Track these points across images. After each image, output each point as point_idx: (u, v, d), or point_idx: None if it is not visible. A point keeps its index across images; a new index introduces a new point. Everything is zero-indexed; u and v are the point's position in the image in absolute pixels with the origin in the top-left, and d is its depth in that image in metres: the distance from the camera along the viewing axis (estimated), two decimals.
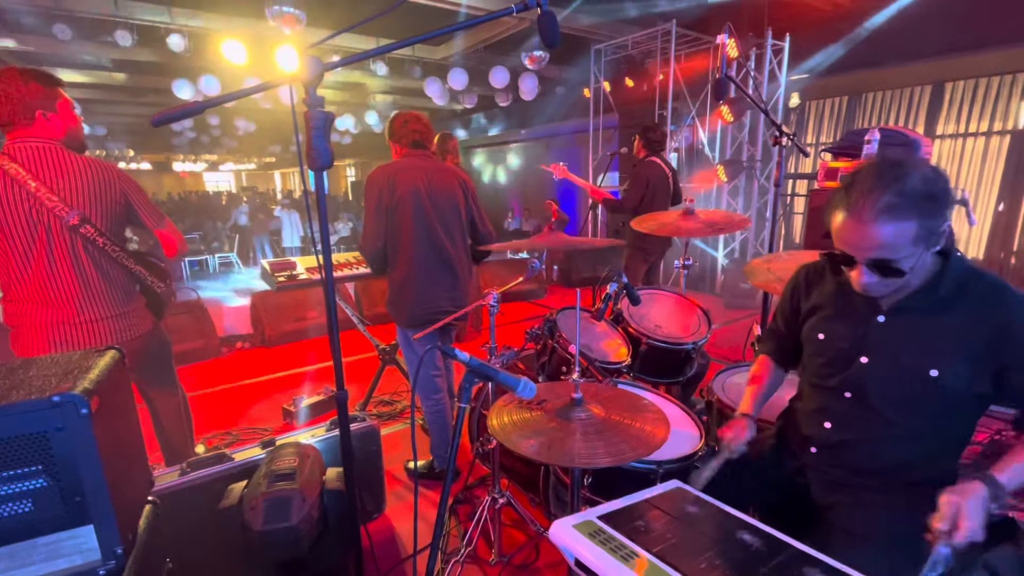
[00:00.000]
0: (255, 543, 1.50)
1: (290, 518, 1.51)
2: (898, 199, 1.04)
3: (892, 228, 1.05)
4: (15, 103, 1.75)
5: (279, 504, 1.52)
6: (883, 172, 1.07)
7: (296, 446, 1.81)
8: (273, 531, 1.48)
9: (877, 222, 1.05)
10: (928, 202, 1.05)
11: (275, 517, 1.50)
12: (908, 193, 1.04)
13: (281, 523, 1.49)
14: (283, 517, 1.50)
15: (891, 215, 1.04)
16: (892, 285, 1.14)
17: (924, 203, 1.05)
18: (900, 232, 1.05)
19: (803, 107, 6.63)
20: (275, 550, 1.52)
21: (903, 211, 1.04)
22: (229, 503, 1.62)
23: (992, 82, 5.20)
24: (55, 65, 7.26)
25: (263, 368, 4.49)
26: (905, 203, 1.04)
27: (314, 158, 1.16)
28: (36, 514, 0.95)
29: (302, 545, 1.54)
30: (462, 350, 1.18)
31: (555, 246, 1.91)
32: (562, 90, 9.21)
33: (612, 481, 1.66)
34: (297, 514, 1.52)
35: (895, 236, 1.06)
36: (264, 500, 1.52)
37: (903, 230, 1.05)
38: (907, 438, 1.22)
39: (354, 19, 1.35)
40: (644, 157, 3.91)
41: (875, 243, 1.08)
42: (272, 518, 1.50)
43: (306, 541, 1.54)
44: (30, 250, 1.80)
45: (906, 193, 1.04)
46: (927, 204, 1.05)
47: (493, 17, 1.30)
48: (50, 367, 1.09)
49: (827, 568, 0.91)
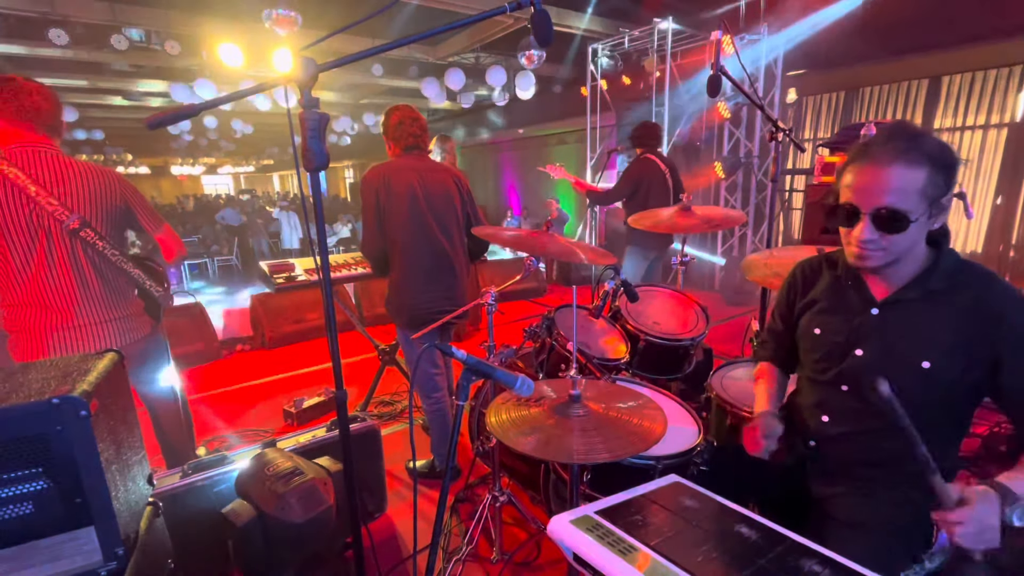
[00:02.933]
0: (296, 536, 1.55)
1: (326, 500, 1.60)
2: (914, 147, 1.09)
3: (905, 172, 1.09)
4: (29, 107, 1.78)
5: (309, 492, 1.58)
6: (901, 127, 1.14)
7: (274, 451, 1.82)
8: (316, 517, 1.56)
9: (892, 165, 1.10)
10: (940, 157, 1.10)
11: (312, 504, 1.57)
12: (923, 146, 1.10)
13: (321, 507, 1.58)
14: (319, 501, 1.59)
15: (906, 160, 1.09)
16: (889, 249, 1.14)
17: (937, 157, 1.10)
18: (912, 178, 1.09)
19: (800, 102, 6.62)
20: (319, 536, 1.59)
21: (917, 158, 1.09)
22: (243, 521, 1.58)
23: (989, 75, 5.20)
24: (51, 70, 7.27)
25: (263, 370, 4.50)
26: (920, 153, 1.09)
27: (309, 159, 1.16)
28: (37, 516, 0.96)
29: (332, 526, 1.62)
30: (461, 348, 1.18)
31: (544, 254, 1.88)
32: (559, 88, 9.21)
33: (611, 477, 1.66)
34: (328, 495, 1.61)
35: (907, 181, 1.09)
36: (293, 495, 1.57)
37: (915, 176, 1.09)
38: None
39: (350, 21, 1.35)
40: (640, 154, 3.92)
41: (887, 185, 1.10)
42: (310, 506, 1.56)
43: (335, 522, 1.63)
44: (30, 254, 1.80)
45: (921, 145, 1.10)
46: (939, 159, 1.10)
47: (487, 16, 1.30)
48: (49, 370, 1.09)
49: (825, 560, 0.92)
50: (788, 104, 6.43)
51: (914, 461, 1.01)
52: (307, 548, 1.62)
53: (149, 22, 5.98)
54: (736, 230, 6.76)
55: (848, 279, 1.30)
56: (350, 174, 22.68)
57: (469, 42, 7.18)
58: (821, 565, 0.90)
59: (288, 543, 1.58)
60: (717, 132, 6.54)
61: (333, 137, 12.89)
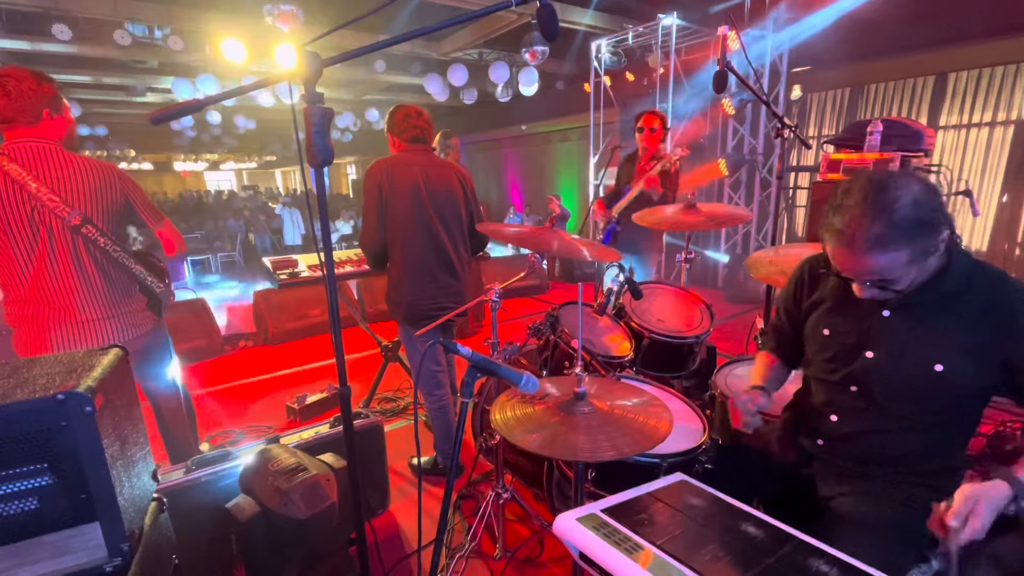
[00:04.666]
0: (299, 533, 1.55)
1: (330, 496, 1.59)
2: (887, 231, 1.04)
3: (884, 258, 1.06)
4: (27, 100, 1.76)
5: (313, 489, 1.58)
6: (871, 200, 1.05)
7: (278, 447, 1.82)
8: (319, 514, 1.55)
9: (869, 254, 1.06)
10: (919, 229, 1.05)
11: (315, 501, 1.56)
12: (897, 224, 1.03)
13: (325, 503, 1.57)
14: (323, 497, 1.58)
15: (883, 247, 1.05)
16: (894, 291, 1.15)
17: (915, 231, 1.05)
18: (893, 260, 1.07)
19: (805, 99, 6.58)
20: (321, 532, 1.58)
21: (894, 242, 1.04)
22: (246, 516, 1.61)
23: (996, 72, 5.16)
24: (55, 65, 7.27)
25: (266, 366, 4.50)
26: (895, 234, 1.04)
27: (314, 155, 1.15)
28: (42, 511, 0.96)
29: (336, 523, 1.61)
30: (464, 345, 1.18)
31: (548, 251, 1.88)
32: (562, 85, 9.18)
33: (616, 475, 1.66)
34: (332, 492, 1.60)
35: (888, 264, 1.07)
36: (297, 491, 1.56)
37: (896, 258, 1.06)
38: (912, 430, 1.22)
39: (353, 16, 1.34)
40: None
41: (870, 270, 1.10)
42: (313, 503, 1.56)
43: (338, 518, 1.63)
44: (32, 250, 1.80)
45: (895, 224, 1.03)
46: (918, 231, 1.05)
47: (492, 11, 1.29)
48: (53, 366, 1.09)
49: (831, 559, 0.91)
50: (792, 100, 6.39)
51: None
52: (310, 544, 1.62)
53: (152, 17, 5.97)
54: (740, 227, 6.73)
55: None
56: (352, 171, 22.66)
57: (472, 38, 7.15)
58: (828, 565, 0.90)
59: (291, 539, 1.58)
60: (721, 129, 6.50)
61: (336, 134, 12.88)
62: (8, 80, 1.73)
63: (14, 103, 1.74)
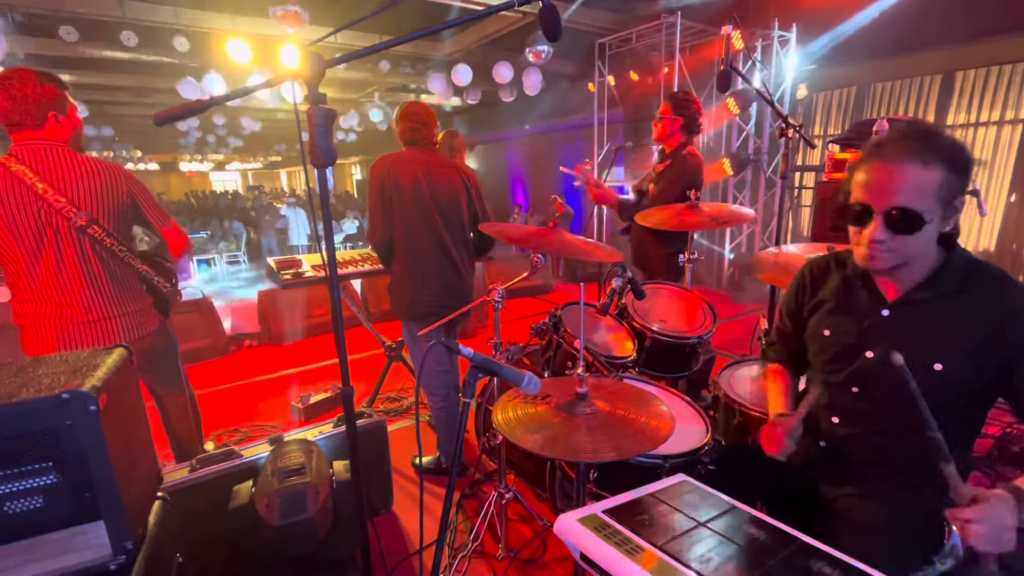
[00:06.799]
0: (273, 539, 1.52)
1: (307, 510, 1.53)
2: (929, 146, 1.07)
3: (920, 171, 1.07)
4: (31, 103, 1.77)
5: (295, 498, 1.54)
6: (916, 125, 1.13)
7: (298, 442, 1.82)
8: (292, 524, 1.51)
9: (907, 164, 1.08)
10: (956, 157, 1.08)
11: (292, 511, 1.52)
12: (939, 145, 1.08)
13: (299, 516, 1.52)
14: (300, 510, 1.53)
15: (922, 159, 1.07)
16: (900, 251, 1.12)
17: (953, 158, 1.08)
18: (927, 178, 1.07)
19: (810, 98, 6.55)
20: (294, 543, 1.54)
21: (932, 156, 1.07)
22: (239, 503, 1.63)
23: (1004, 71, 5.11)
24: (62, 67, 7.32)
25: (271, 366, 4.52)
26: (935, 152, 1.07)
27: (317, 155, 1.16)
28: (46, 510, 0.97)
29: (318, 536, 1.56)
30: (468, 346, 1.18)
31: (551, 251, 1.89)
32: (566, 85, 9.16)
33: (618, 476, 1.66)
34: (313, 506, 1.54)
35: (922, 180, 1.07)
36: (279, 496, 1.54)
37: (930, 176, 1.07)
38: (915, 431, 1.21)
39: (357, 17, 1.35)
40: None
41: (902, 184, 1.08)
42: (289, 512, 1.52)
43: (322, 532, 1.57)
44: (38, 251, 1.82)
45: (937, 144, 1.08)
46: (955, 160, 1.08)
47: (495, 11, 1.29)
48: (59, 365, 1.10)
49: (834, 561, 0.90)
50: (798, 100, 6.37)
51: (927, 444, 0.99)
52: (282, 552, 1.57)
53: (158, 18, 6.00)
54: (745, 228, 6.70)
55: (858, 279, 1.28)
56: (356, 171, 22.71)
57: (476, 38, 7.15)
58: (831, 566, 0.89)
59: (264, 541, 1.56)
60: (726, 128, 6.48)
61: (340, 134, 12.91)
62: (11, 83, 1.74)
63: (18, 106, 1.75)
